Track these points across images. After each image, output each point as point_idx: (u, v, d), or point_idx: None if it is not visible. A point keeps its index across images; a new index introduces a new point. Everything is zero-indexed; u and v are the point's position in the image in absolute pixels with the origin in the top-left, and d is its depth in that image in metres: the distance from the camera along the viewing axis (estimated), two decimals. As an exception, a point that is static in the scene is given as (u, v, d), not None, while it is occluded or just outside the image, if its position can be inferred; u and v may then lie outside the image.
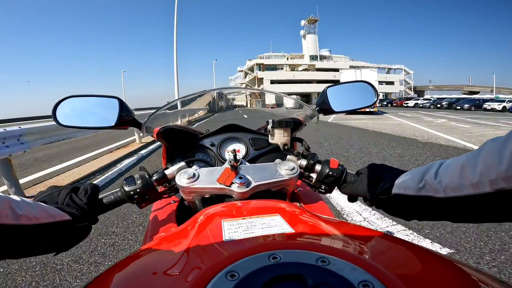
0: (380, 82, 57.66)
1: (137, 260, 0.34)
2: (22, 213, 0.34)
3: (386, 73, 61.14)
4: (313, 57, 57.53)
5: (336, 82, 0.82)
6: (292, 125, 0.66)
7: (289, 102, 0.98)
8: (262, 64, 53.09)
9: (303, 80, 51.24)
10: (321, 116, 0.73)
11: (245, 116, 1.77)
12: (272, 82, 51.96)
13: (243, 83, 55.96)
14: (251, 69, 51.67)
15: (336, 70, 57.33)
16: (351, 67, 58.92)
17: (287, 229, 0.34)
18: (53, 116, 0.64)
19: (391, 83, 56.50)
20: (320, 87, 48.79)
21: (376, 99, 0.72)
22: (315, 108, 0.73)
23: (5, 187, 2.83)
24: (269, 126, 0.66)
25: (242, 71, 53.68)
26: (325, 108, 0.71)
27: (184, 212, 0.64)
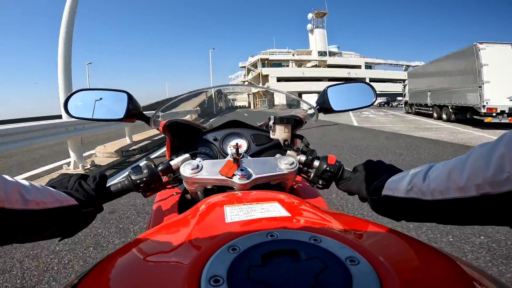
0: (397, 80, 51.03)
1: (144, 242, 0.37)
2: (30, 198, 0.36)
3: (404, 70, 54.56)
4: (322, 53, 51.16)
5: (346, 80, 1.06)
6: (293, 122, 0.71)
7: (304, 104, 0.92)
8: (267, 59, 46.58)
9: (313, 77, 44.58)
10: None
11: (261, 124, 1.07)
12: (279, 79, 45.32)
13: (245, 81, 49.18)
14: (255, 65, 45.22)
15: (351, 66, 50.46)
16: (366, 64, 51.80)
17: (285, 213, 0.38)
18: (65, 108, 0.68)
19: (410, 81, 50.09)
20: (333, 86, 42.19)
21: (374, 99, 0.76)
22: (316, 107, 0.77)
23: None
24: (271, 122, 0.71)
25: (244, 67, 47.17)
26: (325, 107, 0.75)
27: (186, 203, 0.68)
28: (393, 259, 0.27)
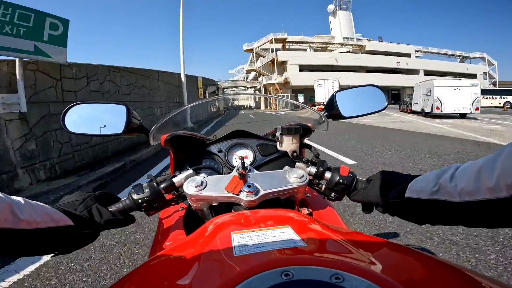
0: (456, 74, 36.60)
1: (147, 273, 0.38)
2: (23, 217, 0.38)
3: (460, 62, 40.30)
4: (348, 40, 36.58)
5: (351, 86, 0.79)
6: (301, 131, 0.71)
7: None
8: (284, 40, 32.15)
9: (347, 67, 30.05)
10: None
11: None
12: (302, 68, 30.45)
13: (252, 70, 34.96)
14: (266, 49, 30.79)
15: (399, 54, 36.06)
16: (417, 51, 37.30)
17: (299, 242, 0.36)
18: (62, 123, 0.70)
19: (473, 76, 36.45)
20: (373, 79, 28.37)
21: (386, 103, 0.74)
22: (324, 113, 0.76)
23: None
24: (278, 133, 0.71)
25: (250, 51, 33.26)
26: (334, 113, 0.74)
27: (192, 219, 0.69)
28: None
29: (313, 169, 0.63)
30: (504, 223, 0.34)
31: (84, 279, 1.70)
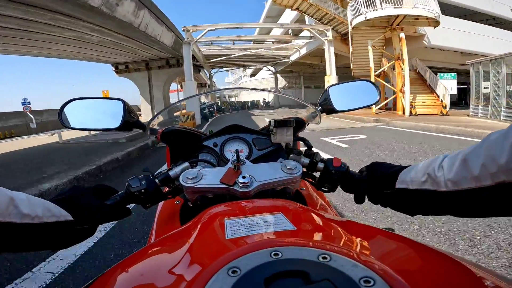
0: None
1: (142, 258, 0.41)
2: (26, 211, 0.40)
3: None
4: None
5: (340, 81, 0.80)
6: (295, 124, 0.78)
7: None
8: None
9: None
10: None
11: None
12: (447, 10, 3.93)
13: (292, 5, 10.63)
14: None
15: None
16: None
17: (289, 226, 0.39)
18: (59, 118, 0.75)
19: None
20: None
21: (378, 98, 0.81)
22: (318, 107, 0.84)
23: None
24: (272, 126, 0.77)
25: None
26: (327, 107, 0.82)
27: (188, 212, 0.75)
28: (412, 276, 0.28)
29: (306, 161, 0.69)
30: (491, 212, 0.36)
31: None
